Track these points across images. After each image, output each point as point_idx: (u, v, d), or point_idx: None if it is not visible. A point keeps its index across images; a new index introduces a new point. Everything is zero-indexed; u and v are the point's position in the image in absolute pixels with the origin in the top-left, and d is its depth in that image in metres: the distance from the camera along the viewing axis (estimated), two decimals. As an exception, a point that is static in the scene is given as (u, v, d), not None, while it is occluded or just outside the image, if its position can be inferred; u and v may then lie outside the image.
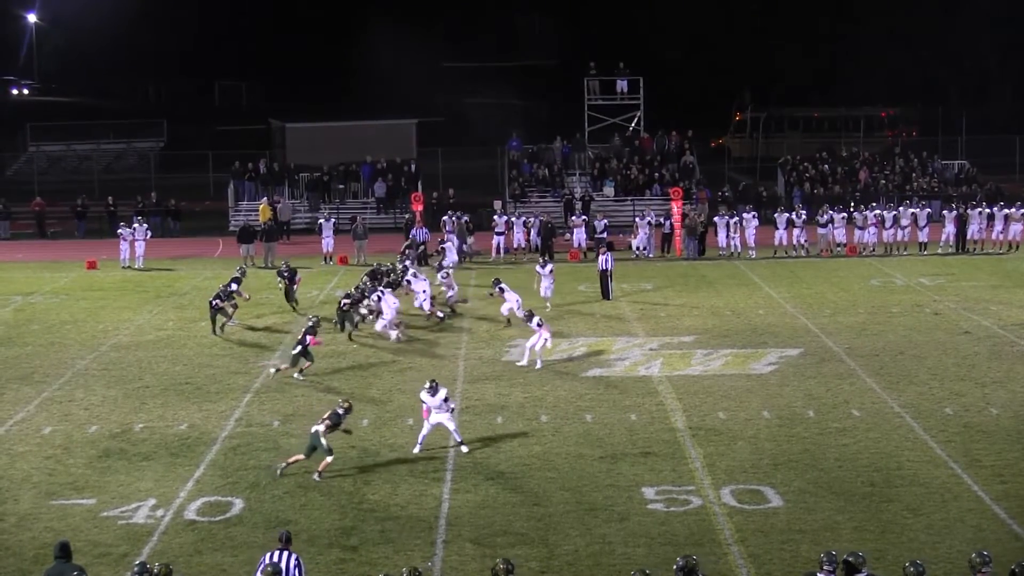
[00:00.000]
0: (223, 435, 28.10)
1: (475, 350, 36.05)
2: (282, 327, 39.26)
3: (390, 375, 33.28)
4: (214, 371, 33.97)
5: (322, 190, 65.69)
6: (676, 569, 16.75)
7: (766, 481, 24.44)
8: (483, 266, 52.08)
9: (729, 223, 53.90)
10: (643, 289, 45.86)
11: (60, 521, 22.89)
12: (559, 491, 24.13)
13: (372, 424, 28.76)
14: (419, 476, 25.10)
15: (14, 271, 52.44)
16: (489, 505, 23.45)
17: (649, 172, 65.77)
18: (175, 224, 64.18)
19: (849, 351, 35.08)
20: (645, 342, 36.73)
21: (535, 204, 62.95)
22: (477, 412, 29.65)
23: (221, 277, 48.81)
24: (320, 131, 75.06)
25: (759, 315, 40.47)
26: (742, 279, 47.82)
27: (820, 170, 66.70)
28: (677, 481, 24.58)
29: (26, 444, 27.65)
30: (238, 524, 22.73)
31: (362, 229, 53.79)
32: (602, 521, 22.56)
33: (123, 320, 41.30)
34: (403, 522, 22.59)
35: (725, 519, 22.53)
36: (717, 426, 28.05)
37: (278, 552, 18.14)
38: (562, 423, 28.65)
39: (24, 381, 33.14)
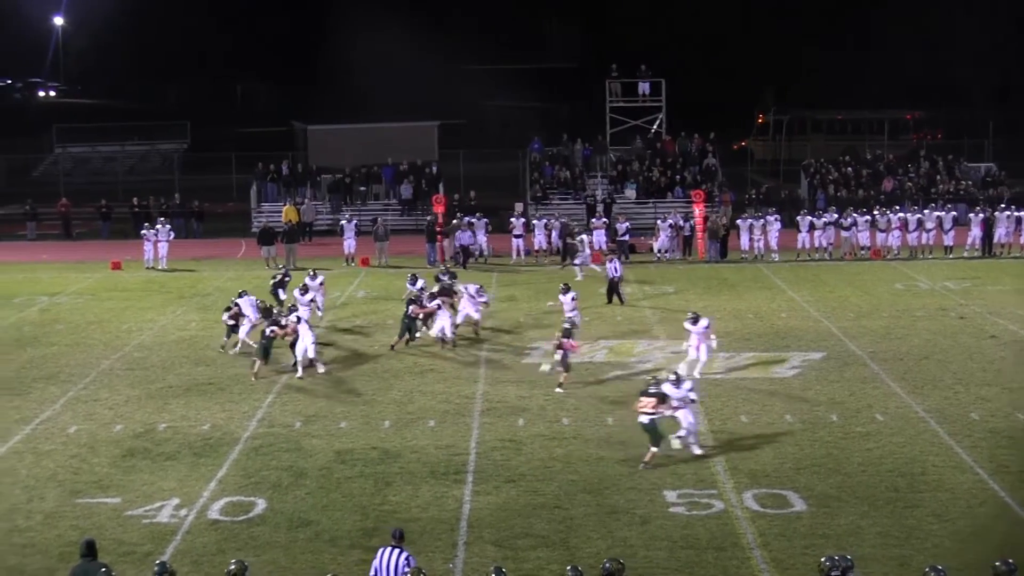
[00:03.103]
0: (246, 435, 28.13)
1: (496, 352, 36.01)
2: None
3: (411, 377, 33.27)
4: (237, 371, 34.00)
5: (344, 192, 65.73)
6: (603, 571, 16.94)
7: (789, 485, 24.36)
8: (503, 268, 52.04)
9: (753, 226, 53.77)
10: (665, 292, 45.79)
11: (85, 519, 22.95)
12: (580, 493, 24.09)
13: (394, 425, 28.75)
14: (440, 478, 25.09)
15: (40, 271, 52.60)
16: (510, 507, 23.43)
17: (671, 174, 65.64)
18: (198, 225, 64.31)
19: (873, 355, 34.97)
20: (667, 345, 36.66)
21: (556, 206, 62.86)
22: (499, 414, 29.62)
23: (243, 278, 49.08)
24: (342, 133, 75.07)
25: (782, 318, 40.38)
26: (765, 282, 47.72)
27: (844, 173, 66.51)
28: (699, 485, 24.51)
29: (52, 443, 27.74)
30: (260, 524, 22.75)
31: (383, 231, 53.83)
32: (623, 524, 22.51)
33: (147, 320, 41.40)
34: (424, 524, 22.57)
35: (747, 523, 22.47)
36: (739, 430, 27.97)
37: (391, 549, 18.15)
38: (583, 426, 28.61)
39: (50, 380, 33.25)
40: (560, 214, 58.37)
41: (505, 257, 54.37)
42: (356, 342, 37.41)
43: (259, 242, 53.85)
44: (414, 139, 73.23)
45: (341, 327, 39.66)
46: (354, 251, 53.67)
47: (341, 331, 39.01)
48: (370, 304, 43.64)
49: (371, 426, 28.76)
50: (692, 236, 54.54)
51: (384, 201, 66.10)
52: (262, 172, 66.58)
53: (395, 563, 17.96)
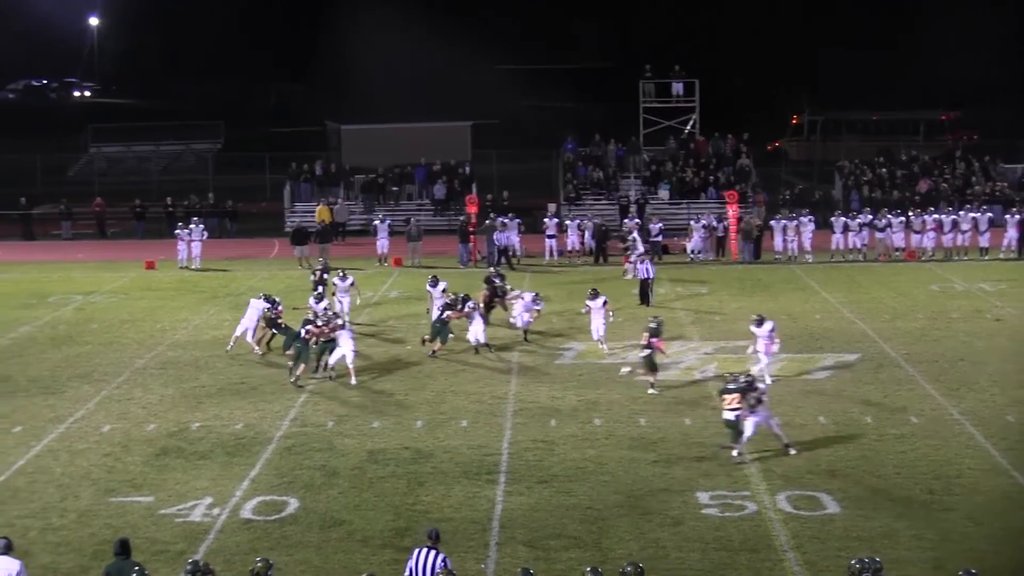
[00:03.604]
0: (278, 435, 28.19)
1: (528, 353, 35.97)
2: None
3: (443, 377, 33.27)
4: (269, 371, 34.06)
5: (377, 192, 65.79)
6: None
7: (823, 487, 24.27)
8: (536, 269, 52.02)
9: (786, 226, 53.59)
10: (698, 293, 45.68)
11: (119, 518, 23.04)
12: (612, 495, 24.06)
13: (426, 426, 28.76)
14: (472, 478, 25.09)
15: (75, 271, 52.83)
16: (542, 508, 23.41)
17: (704, 175, 65.51)
18: (232, 225, 64.46)
19: (908, 357, 34.80)
20: (700, 346, 36.59)
21: (589, 207, 62.80)
22: (531, 415, 29.60)
23: (277, 278, 49.21)
24: (375, 133, 75.11)
25: (816, 320, 40.22)
26: (798, 283, 47.56)
27: (878, 174, 66.24)
28: (732, 486, 24.45)
29: (86, 442, 27.85)
30: (293, 523, 22.79)
31: (416, 231, 53.86)
32: (656, 525, 22.47)
33: (180, 320, 41.52)
34: (456, 524, 22.57)
35: (781, 525, 22.39)
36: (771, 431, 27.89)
37: (426, 550, 18.17)
38: (616, 426, 28.57)
39: (84, 379, 33.39)
40: (593, 214, 58.31)
41: (538, 257, 54.30)
42: (389, 342, 37.43)
43: (292, 242, 53.97)
44: (447, 139, 73.22)
45: (374, 327, 39.68)
46: (387, 251, 53.72)
47: (374, 331, 39.01)
48: (403, 304, 43.66)
49: (403, 426, 28.78)
50: (725, 237, 54.39)
51: (417, 201, 66.12)
52: (295, 172, 66.71)
53: (430, 564, 17.96)
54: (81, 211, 67.26)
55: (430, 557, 18.06)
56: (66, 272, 52.41)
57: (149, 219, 65.04)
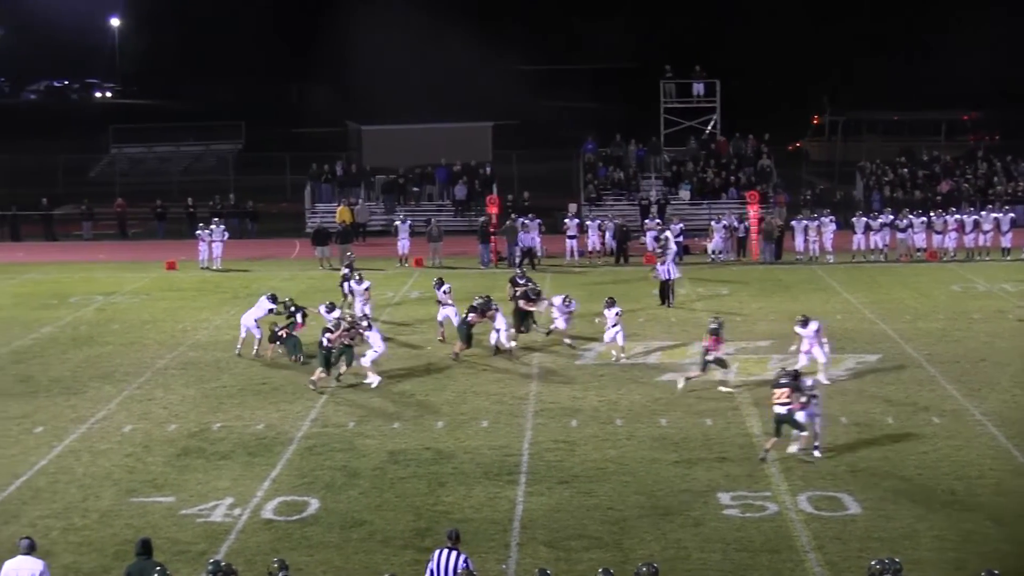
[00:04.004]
0: (299, 435, 28.23)
1: (549, 354, 35.97)
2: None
3: (464, 377, 33.29)
4: (290, 371, 34.11)
5: (398, 192, 65.85)
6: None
7: (844, 488, 24.22)
8: (557, 269, 52.02)
9: (808, 227, 53.50)
10: (719, 294, 45.63)
11: (140, 518, 23.10)
12: (633, 495, 24.05)
13: (447, 426, 28.78)
14: (493, 479, 25.10)
15: (96, 271, 52.99)
16: (563, 508, 23.41)
17: (725, 176, 65.42)
18: (252, 226, 64.59)
19: (929, 357, 34.72)
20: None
21: (610, 207, 62.77)
22: (552, 415, 29.60)
23: (297, 279, 49.31)
24: (396, 133, 75.20)
25: (837, 320, 40.09)
26: (819, 284, 47.48)
27: (899, 174, 66.09)
28: (753, 487, 24.42)
29: (107, 442, 27.93)
30: (314, 524, 22.83)
31: (437, 231, 53.90)
32: (677, 526, 22.45)
33: (201, 320, 41.62)
34: (477, 524, 22.58)
35: (802, 526, 22.36)
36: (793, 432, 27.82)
37: (447, 550, 18.18)
38: (637, 427, 28.56)
39: (105, 380, 33.48)
40: (614, 215, 58.28)
41: (559, 258, 54.31)
42: (409, 343, 37.46)
43: (313, 243, 54.05)
44: (468, 140, 73.27)
45: (395, 327, 39.69)
46: (408, 252, 53.75)
47: (395, 332, 39.01)
48: (424, 305, 43.64)
49: (424, 426, 28.80)
50: (746, 237, 54.32)
51: (438, 202, 66.16)
52: (316, 172, 66.79)
53: (451, 565, 17.96)
54: (102, 212, 67.46)
55: (451, 558, 18.05)
56: (87, 272, 52.57)
57: (170, 219, 65.24)
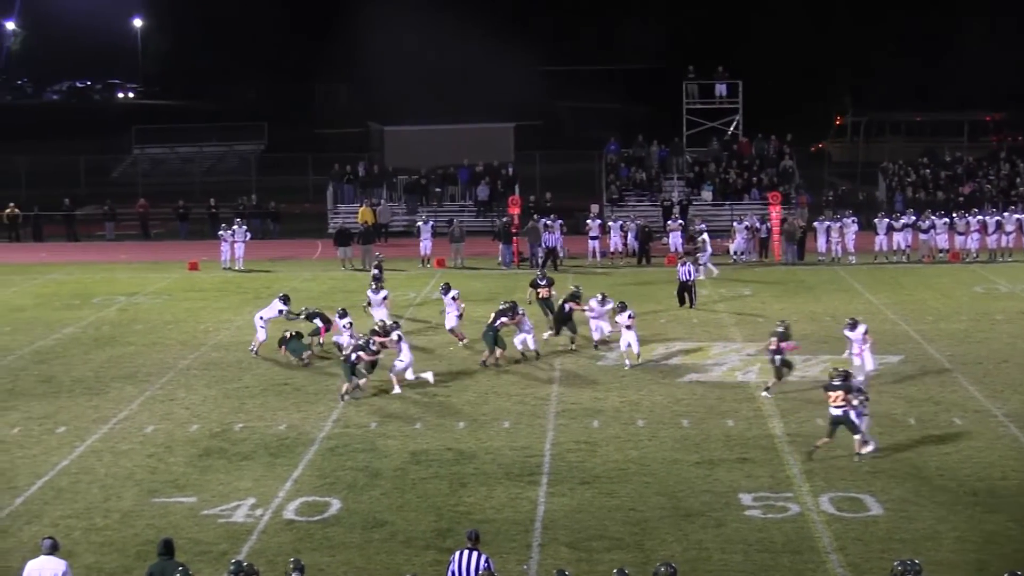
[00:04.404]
0: (321, 436, 28.27)
1: (571, 354, 35.95)
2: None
3: (485, 378, 33.29)
4: (312, 372, 34.18)
5: (420, 193, 65.90)
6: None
7: (866, 489, 24.19)
8: (579, 270, 52.01)
9: (830, 228, 53.41)
10: (741, 294, 45.59)
11: (162, 519, 23.16)
12: (655, 496, 24.05)
13: (468, 427, 28.80)
14: (515, 479, 25.11)
15: (118, 271, 53.16)
16: (585, 509, 23.41)
17: (747, 176, 65.37)
18: (275, 226, 64.69)
19: (951, 358, 34.64)
20: (743, 347, 36.51)
21: (632, 208, 62.77)
22: (573, 416, 29.61)
23: (319, 279, 49.40)
24: (419, 134, 75.31)
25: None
26: (841, 285, 47.40)
27: (922, 175, 65.93)
28: (775, 488, 24.40)
29: (129, 442, 28.01)
30: (335, 524, 22.86)
31: (459, 232, 53.94)
32: (699, 527, 22.44)
33: (223, 321, 41.72)
34: (499, 525, 22.60)
35: (824, 527, 22.33)
36: (816, 433, 27.70)
37: (467, 551, 18.21)
38: (658, 428, 28.55)
39: (127, 380, 33.58)
40: (636, 216, 58.26)
41: (580, 259, 54.29)
42: (431, 344, 37.46)
43: (335, 243, 54.12)
44: (490, 140, 73.36)
45: (416, 328, 39.72)
46: (430, 252, 53.81)
47: (416, 332, 39.04)
48: (445, 305, 43.72)
49: (446, 427, 28.83)
50: (768, 238, 54.25)
51: (460, 202, 66.21)
52: (338, 173, 66.87)
53: (473, 565, 17.98)
54: (125, 212, 67.66)
55: (472, 558, 18.07)
56: (110, 273, 52.74)
57: (192, 220, 65.39)
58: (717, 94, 70.33)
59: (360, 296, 40.60)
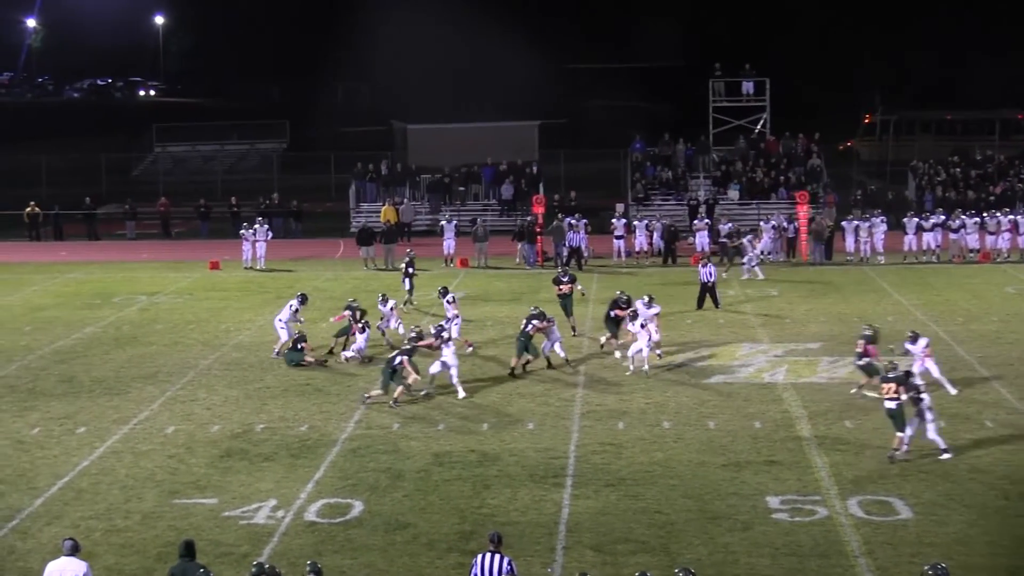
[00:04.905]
0: (343, 437, 28.28)
1: (596, 355, 35.91)
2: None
3: (509, 379, 33.21)
4: (334, 373, 34.20)
5: (443, 192, 65.92)
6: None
7: (895, 492, 24.10)
8: (603, 270, 51.97)
9: (858, 227, 53.26)
10: (768, 295, 45.48)
11: (183, 520, 23.19)
12: (681, 499, 23.99)
13: (492, 428, 28.78)
14: (539, 481, 25.08)
15: (139, 271, 53.28)
16: (610, 512, 23.37)
17: (775, 175, 65.24)
18: (297, 225, 64.78)
19: (982, 360, 34.49)
20: (769, 348, 36.42)
21: (658, 207, 62.71)
22: (598, 417, 29.56)
23: (342, 279, 49.46)
24: (442, 132, 75.40)
25: (888, 322, 39.85)
26: (870, 285, 47.26)
27: (952, 174, 65.71)
28: (802, 490, 24.33)
29: (150, 443, 28.06)
30: (358, 526, 22.86)
31: (483, 231, 53.89)
32: (725, 530, 22.39)
33: (245, 321, 41.78)
34: (523, 527, 22.57)
35: (852, 530, 22.26)
36: (844, 435, 27.71)
37: (490, 554, 18.19)
38: (684, 430, 28.49)
39: (148, 380, 33.64)
40: (662, 215, 58.20)
41: (605, 258, 54.25)
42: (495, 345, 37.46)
43: (358, 242, 54.12)
44: (514, 139, 73.39)
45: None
46: (453, 252, 53.82)
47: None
48: (469, 306, 43.65)
49: (469, 428, 28.82)
50: (796, 238, 54.11)
51: (484, 201, 66.21)
52: (361, 172, 66.94)
53: (496, 568, 17.95)
54: (146, 211, 67.87)
55: (495, 561, 18.04)
56: (130, 272, 52.88)
57: (214, 219, 65.55)
58: (744, 92, 70.18)
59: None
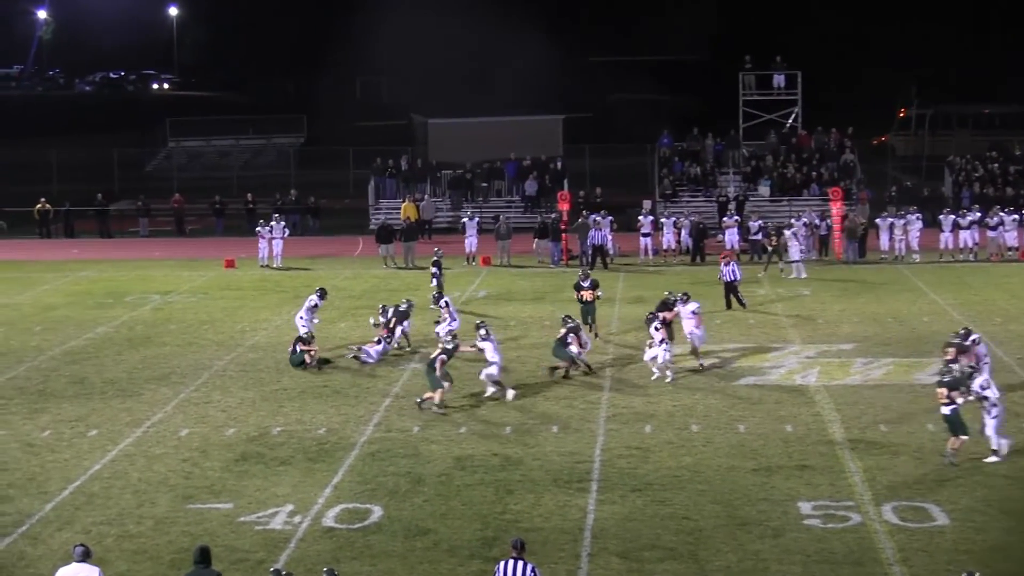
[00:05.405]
0: (362, 440, 28.28)
1: (622, 356, 35.88)
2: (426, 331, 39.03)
3: (533, 381, 33.19)
4: (352, 374, 34.23)
5: (465, 188, 65.94)
6: None
7: (931, 498, 24.01)
8: (630, 269, 51.94)
9: (893, 225, 53.12)
10: (799, 294, 45.40)
11: (197, 525, 23.20)
12: (710, 504, 23.94)
13: (515, 431, 28.76)
14: (563, 486, 25.05)
15: (152, 269, 53.40)
16: (636, 518, 23.33)
17: (807, 171, 65.16)
18: (314, 222, 64.89)
19: (1021, 362, 34.39)
20: (801, 349, 36.35)
21: (686, 204, 62.65)
22: (624, 420, 29.52)
23: (361, 277, 49.49)
24: (464, 127, 75.47)
25: (923, 323, 39.83)
26: (905, 284, 47.16)
27: (990, 170, 65.52)
28: (835, 496, 24.25)
29: (163, 446, 28.09)
30: (377, 532, 22.84)
31: (505, 229, 53.85)
32: (755, 537, 22.34)
33: (261, 320, 41.83)
34: (547, 534, 22.54)
35: (886, 537, 22.19)
36: (878, 439, 27.64)
37: (512, 561, 18.18)
38: (713, 433, 28.44)
39: (162, 382, 33.70)
40: (690, 212, 58.14)
41: (632, 256, 54.20)
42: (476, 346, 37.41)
43: (377, 240, 54.16)
44: (538, 133, 73.43)
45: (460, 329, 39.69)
46: (475, 250, 53.82)
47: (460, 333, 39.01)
48: (491, 305, 43.71)
49: (492, 431, 28.79)
50: (828, 235, 54.00)
51: (507, 198, 66.23)
52: (380, 167, 67.02)
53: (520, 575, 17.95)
54: (159, 207, 68.04)
55: (518, 568, 18.01)
56: (143, 271, 53.00)
57: (229, 216, 65.69)
58: (775, 85, 70.11)
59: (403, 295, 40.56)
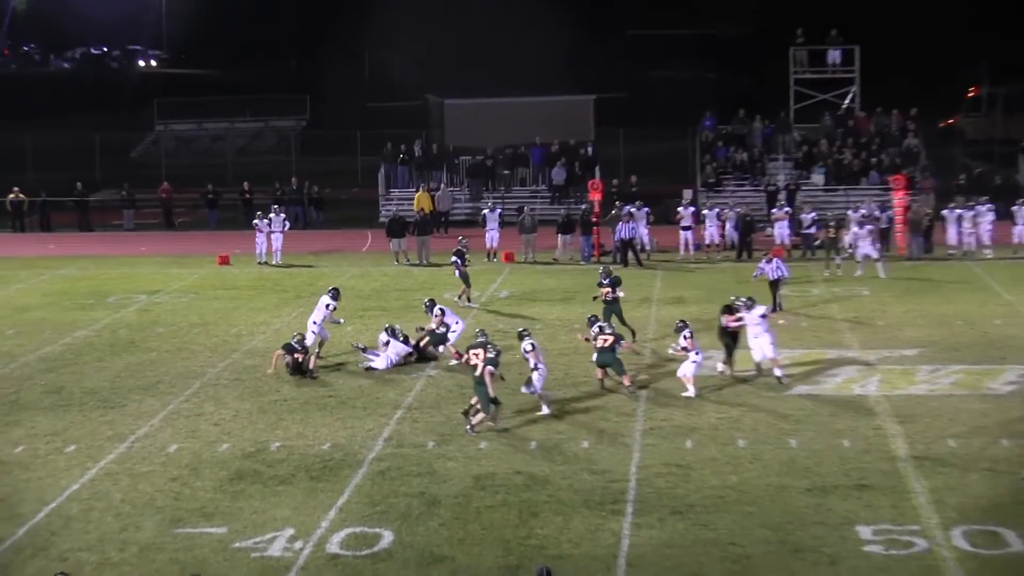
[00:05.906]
0: (370, 457, 28.26)
1: (658, 363, 35.79)
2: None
3: (562, 391, 33.11)
4: (360, 383, 34.21)
5: (485, 176, 65.94)
6: None
7: (1005, 522, 23.88)
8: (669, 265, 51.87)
9: (962, 217, 52.96)
10: (858, 294, 45.32)
11: (186, 552, 23.18)
12: (758, 528, 23.87)
13: (541, 447, 28.70)
14: (595, 508, 24.99)
15: (138, 266, 53.53)
16: (676, 544, 23.26)
17: (865, 157, 65.06)
18: (318, 214, 65.01)
19: (1106, 370, 34.31)
20: (860, 355, 36.26)
21: (731, 194, 62.58)
22: (663, 434, 29.45)
23: (370, 275, 49.45)
24: (484, 108, 75.44)
25: (996, 325, 39.70)
26: (975, 283, 47.05)
27: (1071, 155, 65.49)
28: (898, 519, 24.16)
29: (149, 464, 28.09)
30: (387, 559, 22.81)
31: (530, 221, 53.80)
32: (809, 564, 22.26)
33: (258, 323, 41.87)
34: (576, 561, 22.50)
35: (956, 564, 22.09)
36: (946, 455, 27.52)
37: None
38: (762, 449, 28.35)
39: (148, 392, 33.72)
40: (735, 203, 58.02)
41: (671, 252, 54.14)
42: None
43: (388, 234, 54.15)
44: (567, 115, 73.42)
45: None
46: (497, 244, 53.81)
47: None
48: (514, 305, 43.71)
49: (515, 447, 28.74)
50: (890, 229, 53.83)
51: (532, 187, 66.24)
52: (391, 153, 67.07)
53: None
54: (145, 198, 68.22)
55: (544, 599, 18.03)
56: (128, 268, 53.12)
57: (223, 207, 65.83)
58: (830, 62, 70.10)
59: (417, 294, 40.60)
